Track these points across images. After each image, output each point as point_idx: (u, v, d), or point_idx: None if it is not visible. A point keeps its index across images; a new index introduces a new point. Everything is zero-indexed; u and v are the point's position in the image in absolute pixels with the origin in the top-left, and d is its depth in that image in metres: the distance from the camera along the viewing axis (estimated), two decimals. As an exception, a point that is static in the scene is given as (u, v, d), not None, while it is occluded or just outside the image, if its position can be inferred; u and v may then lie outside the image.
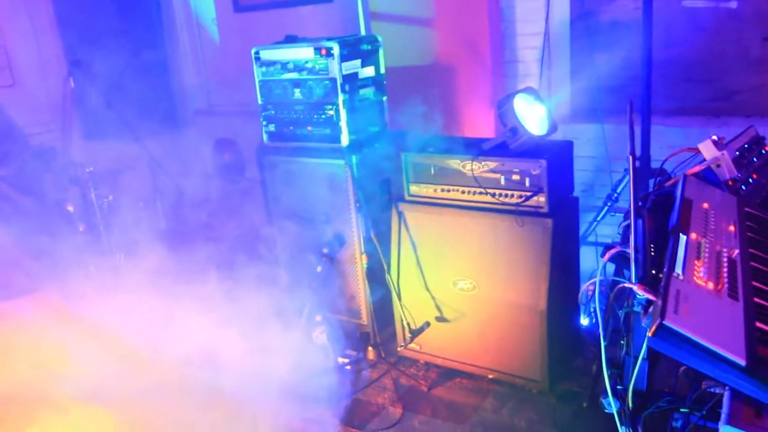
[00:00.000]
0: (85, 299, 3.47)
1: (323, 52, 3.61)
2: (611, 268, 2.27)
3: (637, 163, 3.60)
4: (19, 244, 2.78)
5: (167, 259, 4.07)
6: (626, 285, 1.68)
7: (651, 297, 1.61)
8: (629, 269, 1.88)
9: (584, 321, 3.78)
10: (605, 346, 2.06)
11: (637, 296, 1.68)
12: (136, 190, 4.69)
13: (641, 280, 1.69)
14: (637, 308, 1.78)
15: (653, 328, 1.39)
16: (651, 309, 1.64)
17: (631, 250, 1.69)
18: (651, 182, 3.30)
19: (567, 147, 3.43)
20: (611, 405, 1.97)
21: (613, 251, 1.91)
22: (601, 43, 4.01)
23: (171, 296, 3.95)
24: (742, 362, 1.36)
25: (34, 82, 5.10)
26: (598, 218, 3.90)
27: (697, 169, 2.30)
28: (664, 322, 1.38)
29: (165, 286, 3.94)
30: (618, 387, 2.06)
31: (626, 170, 3.67)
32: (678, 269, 1.60)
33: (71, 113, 4.67)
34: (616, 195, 3.82)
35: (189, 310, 3.99)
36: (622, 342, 2.07)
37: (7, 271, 2.78)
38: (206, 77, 5.52)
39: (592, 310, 3.82)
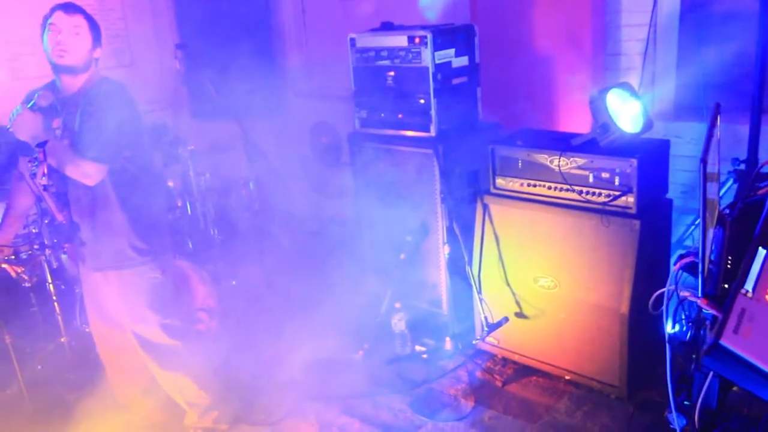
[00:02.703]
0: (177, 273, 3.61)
1: (417, 40, 3.61)
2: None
3: (742, 166, 3.38)
4: (132, 219, 2.95)
5: (257, 237, 4.25)
6: (691, 298, 1.59)
7: (715, 313, 1.52)
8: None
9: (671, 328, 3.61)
10: (673, 358, 1.97)
11: (704, 311, 1.59)
12: (233, 169, 4.88)
13: (708, 294, 1.60)
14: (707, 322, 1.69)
15: (708, 347, 1.32)
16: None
17: (700, 261, 1.60)
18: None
19: (662, 146, 3.27)
20: (674, 420, 1.88)
21: (685, 260, 1.81)
22: (711, 36, 3.77)
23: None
24: (805, 391, 1.26)
25: (149, 62, 5.40)
26: (696, 222, 3.69)
27: (794, 177, 2.13)
28: (719, 341, 1.31)
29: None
30: (686, 402, 1.97)
31: (730, 173, 3.46)
32: (748, 286, 1.50)
33: (180, 93, 4.90)
34: (717, 199, 3.60)
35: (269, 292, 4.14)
36: (693, 356, 1.97)
37: (119, 244, 2.96)
38: (309, 60, 5.63)
39: (683, 317, 3.65)
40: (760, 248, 1.65)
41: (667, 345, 1.83)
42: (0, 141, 2.77)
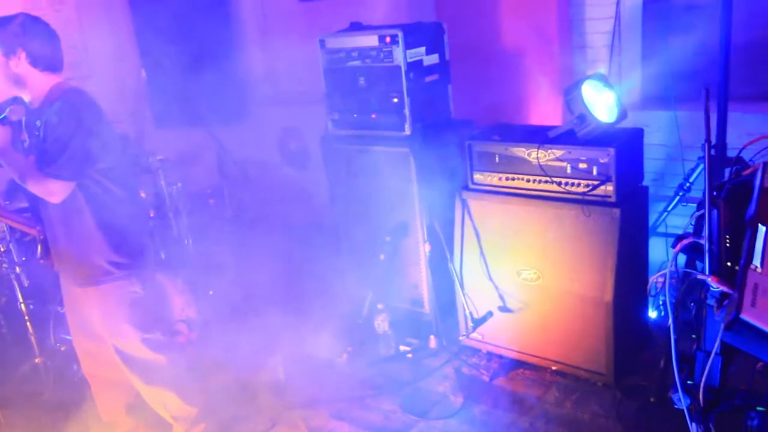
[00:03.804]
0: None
1: (388, 39, 3.60)
2: (681, 259, 2.20)
3: (713, 152, 3.46)
4: (108, 233, 2.85)
5: (232, 246, 4.18)
6: (701, 277, 1.62)
7: (726, 289, 1.55)
8: (702, 261, 1.81)
9: (653, 314, 3.68)
10: (675, 340, 1.99)
11: (711, 289, 1.61)
12: (204, 177, 4.80)
13: (716, 272, 1.63)
14: (711, 301, 1.71)
15: (728, 322, 1.34)
16: (726, 302, 1.57)
17: (705, 241, 1.63)
18: (727, 171, 3.17)
19: (637, 134, 3.33)
20: (681, 400, 1.90)
21: (685, 242, 1.84)
22: (675, 26, 3.86)
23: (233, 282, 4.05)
24: (825, 360, 1.29)
25: (109, 73, 5.27)
26: (669, 208, 3.77)
27: (777, 157, 2.19)
28: (740, 315, 1.33)
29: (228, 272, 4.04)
30: (688, 382, 1.99)
31: (700, 159, 3.55)
32: (756, 261, 1.53)
33: (143, 103, 4.80)
34: (688, 185, 3.69)
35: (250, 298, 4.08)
36: (693, 336, 2.00)
37: (95, 259, 2.86)
38: (272, 66, 5.59)
39: (661, 302, 3.72)
40: (760, 226, 1.69)
41: (672, 326, 1.85)
42: None
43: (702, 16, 3.73)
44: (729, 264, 1.70)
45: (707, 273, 1.64)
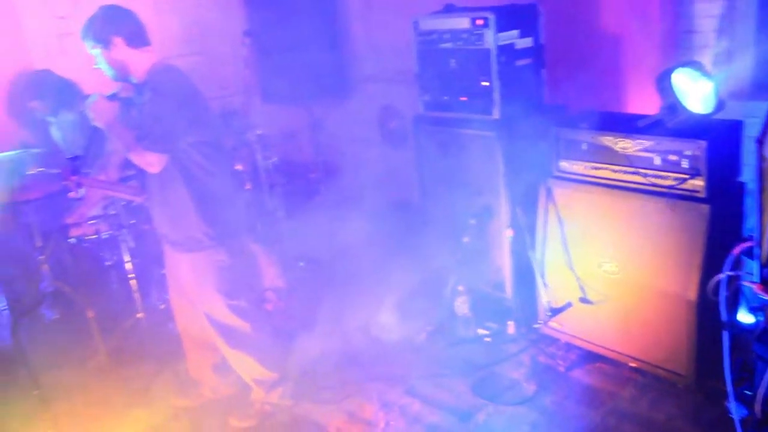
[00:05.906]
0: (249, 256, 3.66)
1: (479, 22, 3.57)
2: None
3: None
4: (198, 205, 3.04)
5: (323, 220, 4.33)
6: (745, 284, 1.55)
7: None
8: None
9: (744, 317, 3.48)
10: (730, 347, 1.91)
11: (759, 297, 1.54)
12: (305, 152, 4.98)
13: (765, 280, 1.55)
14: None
15: (760, 332, 1.28)
16: (773, 312, 1.50)
17: (756, 245, 1.55)
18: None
19: (735, 127, 3.14)
20: (734, 410, 1.83)
21: (744, 245, 1.75)
22: (794, 10, 3.57)
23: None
24: None
25: (220, 50, 5.55)
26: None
27: None
28: (770, 328, 1.27)
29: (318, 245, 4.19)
30: (747, 392, 1.92)
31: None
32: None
33: (249, 79, 5.01)
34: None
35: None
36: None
37: (188, 228, 3.07)
38: (375, 43, 5.65)
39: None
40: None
41: (724, 332, 1.78)
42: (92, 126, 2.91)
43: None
44: (786, 272, 1.61)
45: (755, 279, 1.56)
